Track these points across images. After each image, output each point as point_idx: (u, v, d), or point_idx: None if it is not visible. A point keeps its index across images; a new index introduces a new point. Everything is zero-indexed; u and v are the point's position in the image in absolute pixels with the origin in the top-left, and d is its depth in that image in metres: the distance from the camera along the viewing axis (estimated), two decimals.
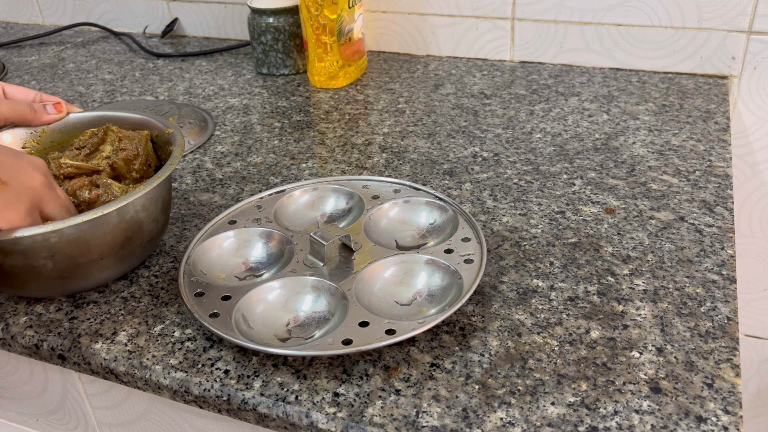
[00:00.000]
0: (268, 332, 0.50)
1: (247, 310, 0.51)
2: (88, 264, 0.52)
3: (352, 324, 0.49)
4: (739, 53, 0.87)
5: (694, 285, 0.54)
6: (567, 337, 0.50)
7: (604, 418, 0.43)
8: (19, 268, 0.50)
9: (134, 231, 0.53)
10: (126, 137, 0.60)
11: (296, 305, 0.52)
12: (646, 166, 0.71)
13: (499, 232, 0.62)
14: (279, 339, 0.49)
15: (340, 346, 0.47)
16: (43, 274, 0.51)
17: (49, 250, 0.49)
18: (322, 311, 0.52)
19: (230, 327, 0.49)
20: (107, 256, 0.53)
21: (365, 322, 0.49)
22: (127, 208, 0.52)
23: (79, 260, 0.51)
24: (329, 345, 0.47)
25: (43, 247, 0.49)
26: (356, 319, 0.49)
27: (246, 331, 0.49)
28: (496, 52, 1.00)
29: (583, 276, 0.56)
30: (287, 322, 0.51)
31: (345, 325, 0.49)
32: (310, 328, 0.50)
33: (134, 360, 0.50)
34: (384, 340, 0.46)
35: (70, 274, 0.52)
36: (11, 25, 1.30)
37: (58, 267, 0.51)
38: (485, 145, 0.77)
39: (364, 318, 0.49)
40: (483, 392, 0.45)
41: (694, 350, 0.48)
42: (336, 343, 0.47)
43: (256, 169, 0.74)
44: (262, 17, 0.96)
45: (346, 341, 0.47)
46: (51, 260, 0.50)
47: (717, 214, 0.63)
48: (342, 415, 0.44)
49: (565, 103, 0.86)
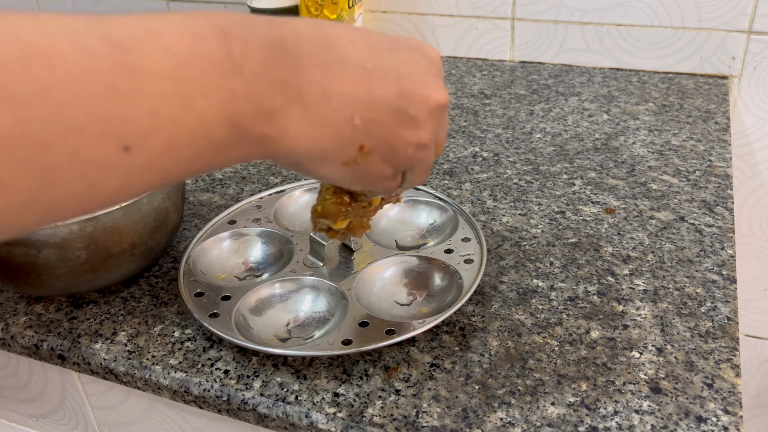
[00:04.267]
0: (268, 332, 0.50)
1: (247, 311, 0.51)
2: (120, 254, 0.52)
3: (352, 324, 0.49)
4: (739, 53, 0.87)
5: (694, 285, 0.54)
6: (567, 337, 0.50)
7: (604, 419, 0.43)
8: (53, 263, 0.50)
9: (161, 219, 0.54)
10: None
11: (296, 305, 0.52)
12: (646, 166, 0.71)
13: (499, 232, 0.62)
14: (279, 339, 0.49)
15: (339, 347, 0.47)
16: (75, 267, 0.51)
17: (84, 241, 0.49)
18: (321, 311, 0.52)
19: (230, 327, 0.49)
20: (138, 245, 0.53)
21: (365, 323, 0.49)
22: (156, 195, 0.52)
23: (111, 250, 0.52)
24: (329, 345, 0.47)
25: (79, 237, 0.49)
26: (356, 320, 0.49)
27: (246, 332, 0.49)
28: (496, 52, 1.00)
29: (583, 276, 0.56)
30: (287, 322, 0.51)
31: (345, 325, 0.49)
32: (310, 328, 0.50)
33: (134, 360, 0.50)
34: (384, 340, 0.46)
35: (102, 265, 0.52)
36: None
37: (91, 258, 0.51)
38: (485, 145, 0.77)
39: (364, 318, 0.49)
40: (483, 392, 0.45)
41: (694, 350, 0.48)
42: (336, 343, 0.47)
43: (256, 169, 0.74)
44: None
45: (346, 341, 0.47)
46: (85, 251, 0.50)
47: (717, 214, 0.63)
48: (342, 415, 0.44)
49: (565, 103, 0.86)
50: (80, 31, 0.25)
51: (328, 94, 0.32)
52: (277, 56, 0.30)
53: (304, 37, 0.32)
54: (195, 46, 0.28)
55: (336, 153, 0.34)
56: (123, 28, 0.26)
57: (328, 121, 0.33)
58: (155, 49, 0.26)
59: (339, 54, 0.33)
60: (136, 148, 0.26)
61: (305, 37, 0.32)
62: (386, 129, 0.34)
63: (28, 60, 0.23)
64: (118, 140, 0.25)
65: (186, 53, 0.27)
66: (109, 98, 0.25)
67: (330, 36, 0.33)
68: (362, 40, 0.34)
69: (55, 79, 0.23)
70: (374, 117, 0.34)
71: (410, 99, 0.34)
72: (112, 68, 0.25)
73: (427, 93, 0.35)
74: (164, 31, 0.27)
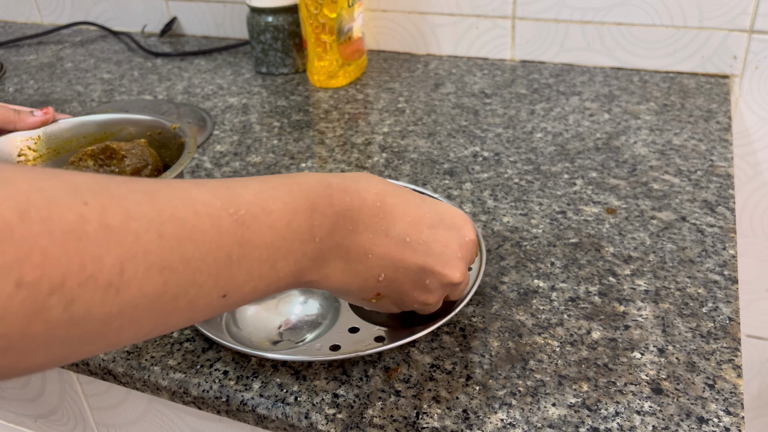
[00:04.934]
0: (260, 335, 0.50)
1: (238, 312, 0.51)
2: None
3: (342, 330, 0.49)
4: (740, 52, 0.87)
5: (696, 285, 0.54)
6: (568, 338, 0.49)
7: (605, 419, 0.43)
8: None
9: None
10: (128, 152, 0.60)
11: (288, 308, 0.52)
12: (648, 165, 0.71)
13: (500, 233, 0.61)
14: (270, 342, 0.49)
15: (327, 352, 0.47)
16: None
17: None
18: (313, 314, 0.52)
19: (220, 328, 0.49)
20: None
21: (355, 328, 0.49)
22: None
23: None
24: (317, 350, 0.47)
25: None
26: (346, 325, 0.49)
27: (235, 333, 0.49)
28: (497, 51, 0.99)
29: (584, 276, 0.55)
30: (279, 325, 0.51)
31: (335, 330, 0.49)
32: (302, 331, 0.50)
33: (133, 361, 0.50)
34: (371, 348, 0.46)
35: None
36: (9, 24, 1.29)
37: None
38: (486, 145, 0.77)
39: (355, 324, 0.49)
40: (483, 393, 0.45)
41: (696, 351, 0.48)
42: (324, 348, 0.47)
43: (255, 169, 0.74)
44: (261, 16, 0.96)
45: (334, 347, 0.47)
46: None
47: (718, 214, 0.62)
48: (342, 416, 0.44)
49: (566, 103, 0.86)
50: (216, 208, 0.32)
51: (367, 255, 0.41)
52: (341, 224, 0.39)
53: (366, 206, 0.40)
54: (291, 222, 0.36)
55: (357, 293, 0.43)
56: (245, 204, 0.34)
57: (360, 274, 0.41)
58: (264, 226, 0.34)
59: (388, 225, 0.41)
60: (230, 296, 0.33)
61: (367, 206, 0.40)
62: (402, 287, 0.43)
63: (181, 236, 0.30)
64: (221, 291, 0.32)
65: (283, 228, 0.35)
66: (225, 264, 0.32)
67: (386, 207, 0.41)
68: (412, 212, 0.42)
69: (196, 251, 0.30)
70: (396, 277, 0.42)
71: (429, 273, 0.43)
72: (233, 241, 0.32)
73: (445, 272, 0.43)
74: (272, 208, 0.35)
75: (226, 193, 0.33)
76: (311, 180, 0.39)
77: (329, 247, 0.39)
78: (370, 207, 0.40)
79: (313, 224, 0.37)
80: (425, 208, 0.43)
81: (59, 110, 0.91)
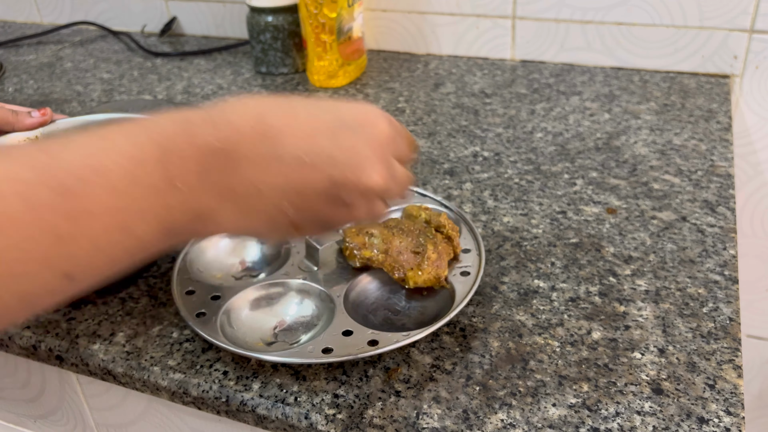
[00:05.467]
0: (254, 335, 0.49)
1: (233, 312, 0.51)
2: None
3: (336, 332, 0.48)
4: (740, 52, 0.87)
5: (696, 285, 0.54)
6: (568, 338, 0.49)
7: (605, 420, 0.43)
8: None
9: None
10: None
11: (283, 309, 0.52)
12: (648, 165, 0.71)
13: (500, 233, 0.61)
14: (265, 343, 0.49)
15: (319, 355, 0.46)
16: None
17: None
18: (308, 316, 0.51)
19: (214, 328, 0.49)
20: None
21: (349, 331, 0.48)
22: None
23: None
24: (309, 353, 0.46)
25: None
26: (340, 328, 0.48)
27: (229, 332, 0.49)
28: (497, 50, 0.99)
29: (585, 276, 0.55)
30: (274, 326, 0.51)
31: (329, 332, 0.48)
32: (297, 332, 0.50)
33: (132, 361, 0.49)
34: (363, 352, 0.46)
35: None
36: (9, 23, 1.29)
37: None
38: (486, 145, 0.77)
39: (349, 327, 0.49)
40: (484, 393, 0.45)
41: (696, 351, 0.48)
42: (316, 351, 0.46)
43: None
44: (261, 16, 0.96)
45: (326, 350, 0.47)
46: None
47: (719, 214, 0.62)
48: (341, 416, 0.44)
49: (566, 103, 0.86)
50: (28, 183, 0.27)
51: (259, 188, 0.35)
52: (212, 162, 0.34)
53: (244, 135, 0.35)
54: (135, 174, 0.30)
55: (269, 232, 0.38)
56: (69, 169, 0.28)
57: (259, 211, 0.36)
58: (100, 189, 0.29)
59: (276, 149, 0.35)
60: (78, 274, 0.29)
61: (245, 136, 0.35)
62: (317, 211, 0.38)
63: None
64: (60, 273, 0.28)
65: (127, 185, 0.30)
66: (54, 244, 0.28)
67: (270, 129, 0.36)
68: (304, 125, 0.37)
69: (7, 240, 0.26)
70: (304, 203, 0.37)
71: (341, 186, 0.37)
72: (57, 216, 0.28)
73: (359, 179, 0.37)
74: (108, 164, 0.30)
75: (43, 162, 0.28)
76: (164, 122, 0.33)
77: (205, 191, 0.34)
78: (249, 135, 0.35)
79: (168, 170, 0.32)
80: (321, 117, 0.38)
81: (59, 110, 0.91)
